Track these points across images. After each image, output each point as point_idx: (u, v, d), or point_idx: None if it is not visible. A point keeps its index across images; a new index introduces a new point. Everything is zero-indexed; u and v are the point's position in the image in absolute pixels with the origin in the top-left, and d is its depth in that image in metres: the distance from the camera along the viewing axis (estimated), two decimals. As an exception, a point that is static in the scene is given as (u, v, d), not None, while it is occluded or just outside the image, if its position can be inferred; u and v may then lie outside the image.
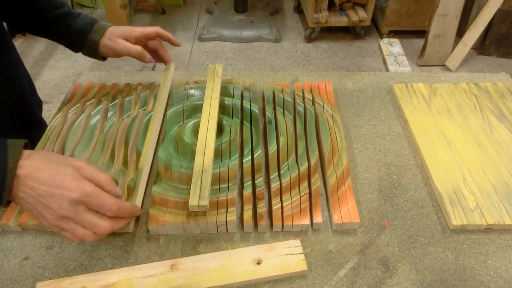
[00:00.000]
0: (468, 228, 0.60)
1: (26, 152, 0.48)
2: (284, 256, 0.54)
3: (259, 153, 0.65)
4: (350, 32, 2.80)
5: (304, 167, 0.63)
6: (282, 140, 0.67)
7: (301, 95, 0.80)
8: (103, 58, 0.78)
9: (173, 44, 0.81)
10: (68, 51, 2.56)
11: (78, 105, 0.76)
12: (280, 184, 0.60)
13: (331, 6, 2.64)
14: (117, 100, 0.77)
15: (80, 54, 0.79)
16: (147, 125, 0.70)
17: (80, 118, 0.72)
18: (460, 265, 0.55)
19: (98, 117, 0.73)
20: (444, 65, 2.46)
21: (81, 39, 0.74)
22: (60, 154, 0.51)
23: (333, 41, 2.76)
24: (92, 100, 0.77)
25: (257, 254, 0.55)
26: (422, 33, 2.57)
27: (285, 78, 0.90)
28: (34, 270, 0.54)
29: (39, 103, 0.80)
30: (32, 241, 0.58)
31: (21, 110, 0.72)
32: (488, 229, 0.60)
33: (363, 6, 2.64)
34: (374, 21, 2.79)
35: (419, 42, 2.61)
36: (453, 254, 0.57)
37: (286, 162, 0.65)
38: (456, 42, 2.40)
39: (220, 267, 0.53)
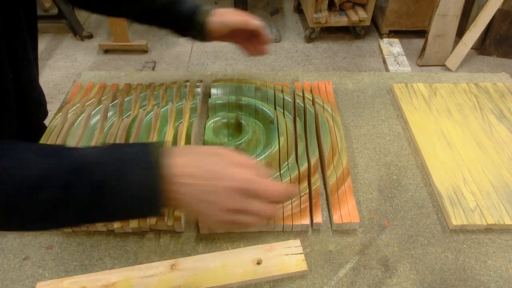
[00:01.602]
0: (468, 228, 0.60)
1: (171, 149, 0.43)
2: (284, 256, 0.54)
3: (269, 152, 0.66)
4: (350, 32, 2.80)
5: (304, 167, 0.63)
6: (282, 140, 0.67)
7: (301, 95, 0.80)
8: (206, 39, 0.76)
9: (264, 42, 0.77)
10: (68, 51, 2.58)
11: (78, 105, 0.76)
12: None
13: (331, 6, 2.64)
14: (117, 100, 0.77)
15: (80, 54, 0.80)
16: (147, 125, 0.70)
17: (80, 118, 0.72)
18: (460, 265, 0.55)
19: (98, 117, 0.73)
20: (444, 65, 2.46)
21: (189, 22, 0.74)
22: (206, 146, 0.48)
23: (333, 41, 2.76)
24: (92, 100, 0.77)
25: (257, 254, 0.55)
26: (422, 33, 2.57)
27: (285, 78, 0.90)
28: (34, 270, 0.54)
29: (44, 112, 0.80)
30: (32, 241, 0.58)
31: (30, 118, 0.72)
32: (488, 229, 0.60)
33: (363, 6, 2.64)
34: (374, 21, 2.79)
35: (419, 42, 2.61)
36: (453, 254, 0.57)
37: (286, 162, 0.65)
38: (456, 42, 2.40)
39: (220, 267, 0.53)
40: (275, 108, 0.75)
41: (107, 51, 2.58)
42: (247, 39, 0.77)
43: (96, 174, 0.39)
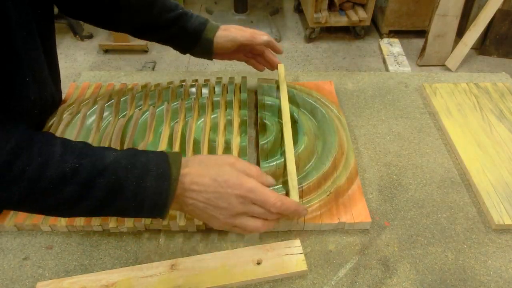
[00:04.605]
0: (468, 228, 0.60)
1: (183, 160, 0.49)
2: (284, 256, 0.54)
3: (295, 151, 0.66)
4: (350, 32, 2.80)
5: (326, 166, 0.64)
6: (305, 139, 0.67)
7: (313, 94, 0.80)
8: (212, 57, 0.78)
9: (278, 51, 0.80)
10: (68, 51, 2.58)
11: (73, 105, 0.76)
12: (308, 183, 0.61)
13: (331, 6, 2.64)
14: (112, 100, 0.77)
15: (80, 54, 0.80)
16: (143, 125, 0.70)
17: (75, 118, 0.72)
18: (460, 265, 0.55)
19: (94, 117, 0.73)
20: (444, 65, 2.46)
21: (196, 38, 0.74)
22: (211, 155, 0.53)
23: (333, 41, 2.76)
24: (87, 100, 0.77)
25: (257, 254, 0.55)
26: (422, 33, 2.57)
27: (285, 78, 0.89)
28: (34, 270, 0.54)
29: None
30: (32, 241, 0.58)
31: (44, 118, 0.73)
32: (488, 229, 0.60)
33: (363, 6, 2.64)
34: (374, 21, 2.79)
35: (419, 42, 2.61)
36: (453, 254, 0.57)
37: (311, 162, 0.65)
38: (456, 42, 2.40)
39: (220, 267, 0.53)
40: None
41: (107, 51, 2.58)
42: (254, 56, 0.79)
43: (116, 177, 0.45)
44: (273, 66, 0.81)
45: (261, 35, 0.75)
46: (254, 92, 0.84)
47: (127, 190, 0.46)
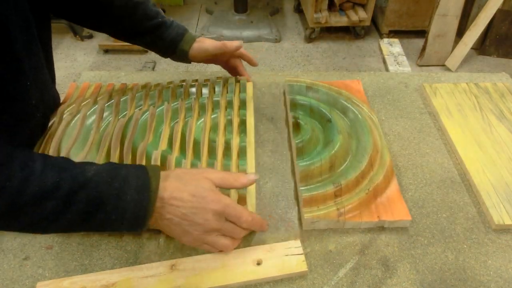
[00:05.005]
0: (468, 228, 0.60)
1: (162, 173, 0.50)
2: (284, 256, 0.54)
3: (332, 151, 0.66)
4: (350, 32, 2.80)
5: (363, 164, 0.64)
6: (340, 138, 0.67)
7: (343, 93, 0.80)
8: (189, 62, 0.81)
9: (252, 64, 0.85)
10: (68, 51, 2.58)
11: (73, 105, 0.76)
12: (347, 181, 0.61)
13: (331, 6, 2.64)
14: (112, 100, 0.76)
15: (80, 54, 0.81)
16: (143, 125, 0.70)
17: (75, 118, 0.72)
18: (460, 265, 0.55)
19: (94, 117, 0.73)
20: (444, 65, 2.46)
21: (172, 48, 0.77)
22: (188, 169, 0.53)
23: (333, 41, 2.76)
24: (88, 100, 0.77)
25: (257, 254, 0.55)
26: (422, 33, 2.57)
27: (285, 78, 0.89)
28: (34, 270, 0.54)
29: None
30: (32, 241, 0.58)
31: (46, 122, 0.73)
32: (488, 229, 0.60)
33: (363, 6, 2.64)
34: (374, 21, 2.79)
35: (419, 42, 2.61)
36: (453, 254, 0.57)
37: (346, 161, 0.65)
38: (456, 42, 2.40)
39: (220, 267, 0.53)
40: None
41: (107, 51, 2.58)
42: (230, 65, 0.84)
43: (98, 191, 0.45)
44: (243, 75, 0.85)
45: (232, 42, 0.79)
46: (282, 92, 0.85)
47: (108, 204, 0.46)
